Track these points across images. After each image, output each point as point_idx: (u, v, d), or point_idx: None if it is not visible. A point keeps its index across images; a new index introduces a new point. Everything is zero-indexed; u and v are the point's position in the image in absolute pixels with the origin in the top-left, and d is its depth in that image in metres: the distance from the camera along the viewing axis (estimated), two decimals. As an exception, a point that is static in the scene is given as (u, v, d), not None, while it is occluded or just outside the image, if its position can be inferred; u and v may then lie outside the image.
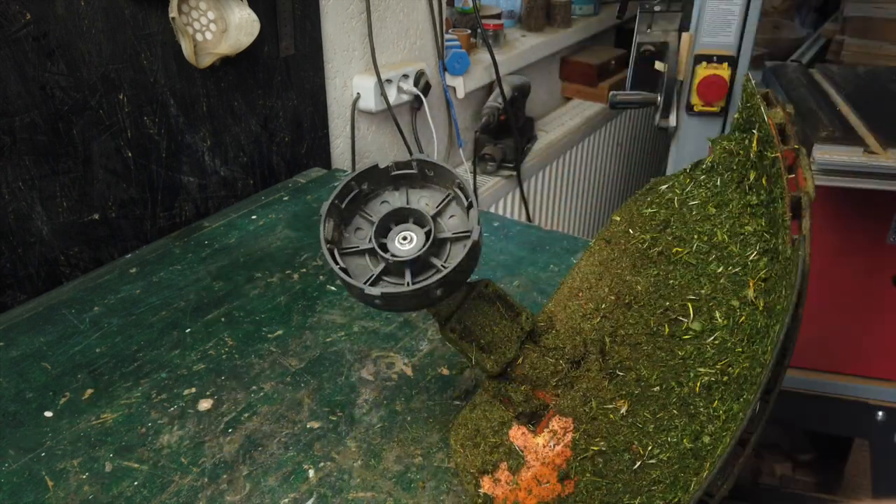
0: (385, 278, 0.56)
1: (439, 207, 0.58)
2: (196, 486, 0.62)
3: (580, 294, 0.66)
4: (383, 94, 1.34)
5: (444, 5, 1.54)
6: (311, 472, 0.63)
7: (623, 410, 0.57)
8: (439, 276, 0.53)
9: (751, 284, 0.53)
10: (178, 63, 0.99)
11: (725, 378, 0.51)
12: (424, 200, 0.59)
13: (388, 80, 1.36)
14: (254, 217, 1.08)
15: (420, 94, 1.42)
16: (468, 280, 0.59)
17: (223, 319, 0.84)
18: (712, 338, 0.54)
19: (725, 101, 1.35)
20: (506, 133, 1.70)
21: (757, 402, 0.44)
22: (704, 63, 1.32)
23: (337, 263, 0.55)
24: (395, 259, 0.55)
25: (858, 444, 1.52)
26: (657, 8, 1.41)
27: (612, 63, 2.18)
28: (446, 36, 1.58)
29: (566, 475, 0.57)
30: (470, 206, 0.56)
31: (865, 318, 1.35)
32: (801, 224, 0.48)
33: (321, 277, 0.92)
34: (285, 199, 1.15)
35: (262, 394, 0.73)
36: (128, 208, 0.99)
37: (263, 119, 1.16)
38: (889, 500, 0.32)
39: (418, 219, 0.58)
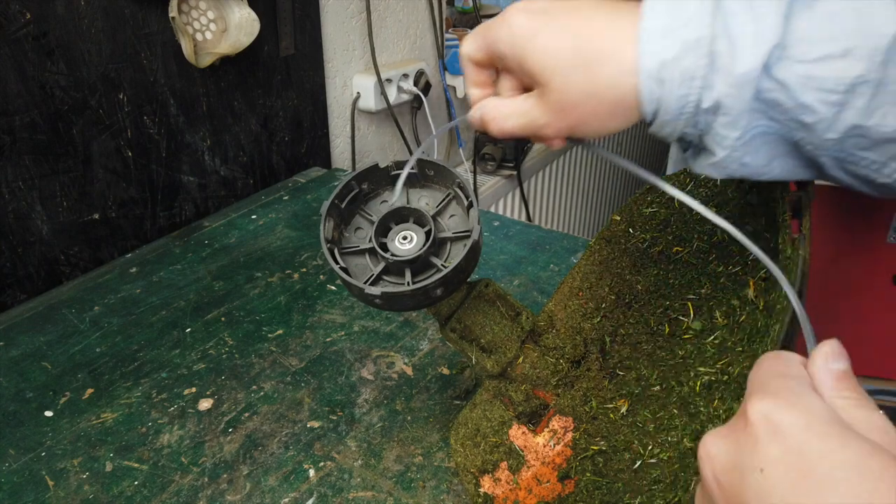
0: (385, 278, 0.56)
1: (439, 207, 0.58)
2: (196, 485, 0.62)
3: (580, 293, 0.66)
4: (383, 94, 1.34)
5: (444, 5, 1.54)
6: (312, 472, 0.63)
7: (623, 410, 0.57)
8: (439, 275, 0.53)
9: (751, 284, 0.53)
10: (178, 63, 0.99)
11: (725, 377, 0.51)
12: (424, 200, 0.59)
13: (388, 80, 1.36)
14: (254, 217, 1.08)
15: (420, 93, 1.42)
16: (468, 280, 0.59)
17: (223, 319, 0.84)
18: (712, 337, 0.54)
19: (725, 101, 1.35)
20: (506, 133, 1.70)
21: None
22: (704, 63, 1.32)
23: (337, 263, 0.55)
24: (396, 259, 0.55)
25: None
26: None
27: (612, 63, 2.17)
28: (446, 35, 1.58)
29: (566, 474, 0.57)
30: (470, 205, 0.56)
31: (865, 317, 1.35)
32: (800, 223, 0.48)
33: (321, 277, 0.92)
34: (285, 198, 1.15)
35: (262, 393, 0.73)
36: (128, 208, 0.99)
37: (263, 118, 1.16)
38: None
39: (418, 218, 0.58)
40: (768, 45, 0.37)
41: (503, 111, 0.45)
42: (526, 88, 0.45)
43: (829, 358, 0.31)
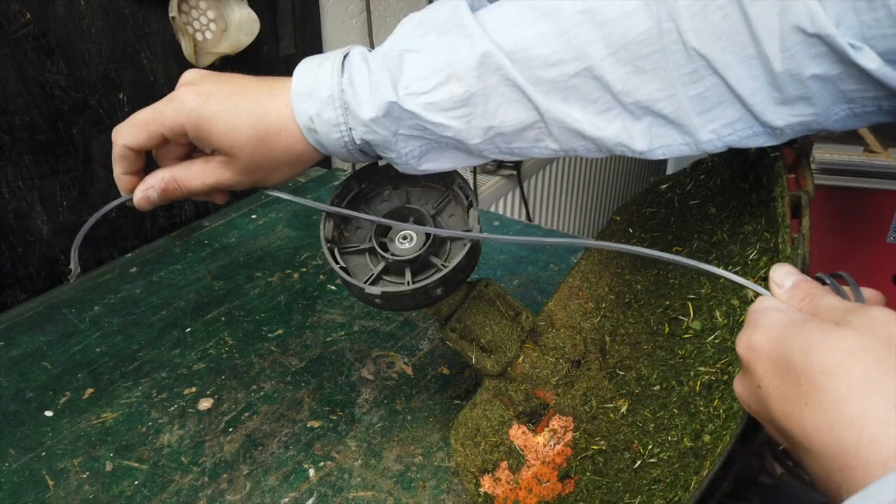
0: (385, 277, 0.56)
1: (439, 207, 0.58)
2: (196, 485, 0.62)
3: (580, 293, 0.66)
4: (383, 94, 1.34)
5: (444, 5, 1.54)
6: (312, 472, 0.63)
7: (623, 409, 0.57)
8: (439, 275, 0.53)
9: (751, 283, 0.53)
10: (178, 62, 0.99)
11: (725, 377, 0.51)
12: (424, 199, 0.59)
13: (388, 80, 1.36)
14: (254, 216, 1.08)
15: (420, 93, 1.42)
16: (468, 279, 0.59)
17: (223, 319, 0.84)
18: (712, 336, 0.54)
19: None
20: (506, 132, 1.70)
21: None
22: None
23: (337, 262, 0.55)
24: (396, 258, 0.55)
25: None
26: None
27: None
28: (446, 35, 1.57)
29: (566, 474, 0.57)
30: (470, 205, 0.56)
31: (865, 317, 1.35)
32: (800, 223, 0.48)
33: (321, 277, 0.92)
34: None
35: (262, 393, 0.73)
36: (128, 208, 0.99)
37: (263, 118, 1.16)
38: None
39: (418, 218, 0.58)
40: (385, 91, 0.46)
41: (189, 175, 0.52)
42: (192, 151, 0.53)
43: (782, 281, 0.40)
